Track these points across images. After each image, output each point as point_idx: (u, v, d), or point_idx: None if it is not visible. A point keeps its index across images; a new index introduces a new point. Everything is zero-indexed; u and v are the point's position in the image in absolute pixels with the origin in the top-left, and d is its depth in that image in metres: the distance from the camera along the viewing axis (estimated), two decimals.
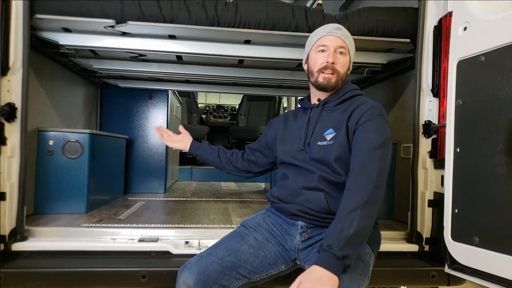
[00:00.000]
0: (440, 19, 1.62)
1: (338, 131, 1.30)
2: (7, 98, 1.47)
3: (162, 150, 2.96)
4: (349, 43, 1.38)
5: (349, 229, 1.07)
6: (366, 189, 1.13)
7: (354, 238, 1.08)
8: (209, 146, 1.68)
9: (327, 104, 1.39)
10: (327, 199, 1.27)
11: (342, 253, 1.05)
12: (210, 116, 6.90)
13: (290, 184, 1.37)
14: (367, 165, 1.17)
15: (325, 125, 1.35)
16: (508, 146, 1.16)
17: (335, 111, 1.36)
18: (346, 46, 1.36)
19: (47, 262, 1.45)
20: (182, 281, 1.20)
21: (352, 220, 1.08)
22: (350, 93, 1.37)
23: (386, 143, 1.23)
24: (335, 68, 1.34)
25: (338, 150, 1.27)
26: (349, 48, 1.37)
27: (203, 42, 1.94)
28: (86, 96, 2.69)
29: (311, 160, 1.33)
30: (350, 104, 1.34)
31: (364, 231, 1.11)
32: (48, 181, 1.92)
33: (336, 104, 1.37)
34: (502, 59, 1.19)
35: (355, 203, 1.11)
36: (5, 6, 1.45)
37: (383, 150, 1.21)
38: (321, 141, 1.32)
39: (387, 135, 1.25)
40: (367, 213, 1.11)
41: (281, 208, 1.39)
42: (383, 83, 2.43)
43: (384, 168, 1.20)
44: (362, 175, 1.16)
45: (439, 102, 1.64)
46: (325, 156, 1.29)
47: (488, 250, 1.22)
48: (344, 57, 1.36)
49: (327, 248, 1.07)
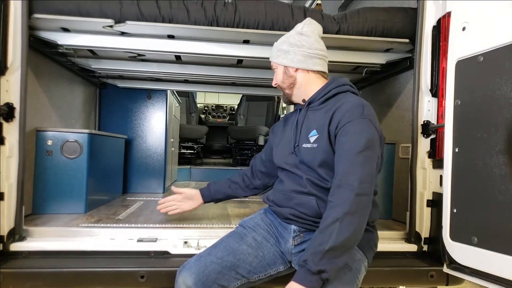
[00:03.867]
0: (439, 19, 1.62)
1: (320, 133, 1.26)
2: (6, 98, 1.47)
3: (161, 150, 2.96)
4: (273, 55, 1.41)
5: (326, 243, 1.04)
6: (347, 200, 1.09)
7: (332, 251, 1.04)
8: (216, 185, 1.66)
9: (311, 103, 1.36)
10: (317, 203, 1.25)
11: (317, 268, 1.03)
12: (209, 116, 6.90)
13: (283, 187, 1.36)
14: (348, 173, 1.12)
15: (310, 126, 1.32)
16: (506, 146, 1.16)
17: (319, 110, 1.33)
18: (272, 63, 1.43)
19: (46, 262, 1.44)
20: (181, 281, 1.20)
21: (331, 234, 1.05)
22: (334, 91, 1.33)
23: (369, 145, 1.16)
24: (278, 87, 1.44)
25: (321, 155, 1.24)
26: (274, 61, 1.41)
27: (202, 42, 1.94)
28: (84, 96, 2.68)
29: (300, 163, 1.31)
30: (334, 102, 1.29)
31: (345, 244, 1.06)
32: (47, 181, 1.91)
33: (320, 103, 1.33)
34: (501, 59, 1.19)
35: (335, 215, 1.07)
36: (3, 6, 1.44)
37: (366, 153, 1.14)
38: (306, 143, 1.30)
39: (370, 135, 1.18)
40: (348, 224, 1.07)
41: (276, 211, 1.39)
42: (382, 83, 2.43)
43: (368, 173, 1.14)
44: (344, 184, 1.11)
45: (438, 102, 1.65)
46: (310, 161, 1.27)
47: (487, 250, 1.22)
48: (276, 71, 1.42)
49: (303, 264, 1.06)
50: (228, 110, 6.98)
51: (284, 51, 1.36)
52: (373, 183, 1.16)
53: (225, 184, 1.65)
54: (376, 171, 1.20)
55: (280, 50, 1.37)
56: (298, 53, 1.33)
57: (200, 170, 4.39)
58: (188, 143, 4.91)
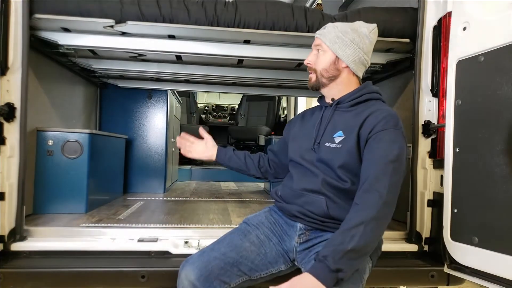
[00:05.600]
0: (439, 19, 1.62)
1: (347, 135, 1.25)
2: (6, 98, 1.47)
3: (161, 150, 2.96)
4: (329, 38, 1.31)
5: (348, 244, 1.05)
6: (374, 206, 1.10)
7: (352, 253, 1.05)
8: (234, 154, 1.59)
9: (340, 104, 1.34)
10: (327, 203, 1.25)
11: (336, 266, 1.04)
12: (209, 116, 6.90)
13: (293, 184, 1.36)
14: (378, 180, 1.13)
15: (336, 126, 1.31)
16: (507, 146, 1.16)
17: (347, 112, 1.32)
18: (322, 43, 1.33)
19: (46, 262, 1.44)
20: (184, 276, 1.20)
21: (354, 236, 1.06)
22: (366, 96, 1.31)
23: (400, 157, 1.16)
24: (311, 67, 1.36)
25: (345, 157, 1.23)
26: (328, 44, 1.31)
27: (202, 42, 1.94)
28: (85, 96, 2.69)
29: (318, 161, 1.30)
30: (365, 108, 1.28)
31: (365, 248, 1.08)
32: (48, 181, 1.91)
33: (350, 106, 1.32)
34: (501, 59, 1.19)
35: (360, 219, 1.08)
36: (4, 6, 1.45)
37: (396, 164, 1.15)
38: (330, 143, 1.28)
39: (402, 149, 1.18)
40: (372, 230, 1.08)
41: (283, 207, 1.39)
42: (383, 83, 2.43)
43: (396, 183, 1.15)
44: (373, 190, 1.12)
45: (439, 102, 1.64)
46: (331, 160, 1.26)
47: (488, 250, 1.22)
48: (323, 54, 1.33)
49: (322, 259, 1.06)
50: (229, 110, 6.99)
51: (345, 43, 1.30)
52: (398, 194, 1.17)
53: (241, 156, 1.59)
54: (400, 183, 1.20)
55: (340, 38, 1.30)
56: (357, 54, 1.31)
57: (201, 170, 4.39)
58: None
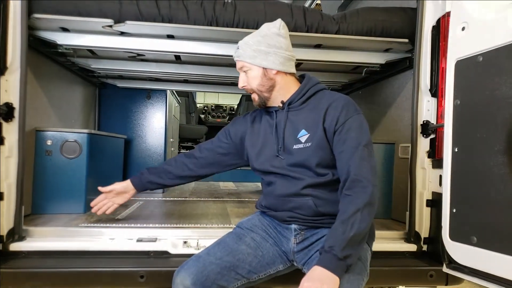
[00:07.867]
0: (438, 19, 1.63)
1: (312, 132, 1.27)
2: (5, 98, 1.47)
3: (160, 150, 2.96)
4: (248, 56, 1.31)
5: (350, 231, 1.09)
6: (366, 192, 1.14)
7: (355, 239, 1.10)
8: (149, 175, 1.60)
9: (291, 104, 1.34)
10: (315, 202, 1.27)
11: (343, 254, 1.07)
12: (208, 116, 6.89)
13: (275, 191, 1.34)
14: (361, 167, 1.17)
15: (296, 127, 1.31)
16: (505, 145, 1.16)
17: (301, 110, 1.33)
18: (244, 63, 1.33)
19: (45, 262, 1.44)
20: (179, 281, 1.19)
21: (353, 223, 1.10)
22: (313, 89, 1.34)
23: (369, 138, 1.24)
24: (247, 89, 1.37)
25: (318, 153, 1.26)
26: (249, 61, 1.31)
27: (201, 42, 1.94)
28: (84, 96, 2.68)
29: (291, 166, 1.30)
30: (316, 101, 1.31)
31: (364, 231, 1.13)
32: (46, 181, 1.91)
33: (301, 103, 1.33)
34: (500, 59, 1.19)
35: (356, 207, 1.12)
36: (2, 6, 1.44)
37: (370, 147, 1.22)
38: (297, 144, 1.29)
39: (367, 129, 1.26)
40: (367, 214, 1.13)
41: (273, 215, 1.39)
42: (381, 83, 2.43)
43: (375, 164, 1.22)
44: (360, 178, 1.16)
45: (437, 102, 1.65)
46: (306, 161, 1.27)
47: (486, 250, 1.23)
48: (250, 72, 1.33)
49: (328, 250, 1.08)
50: (228, 110, 6.98)
51: (264, 51, 1.29)
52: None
53: (156, 173, 1.60)
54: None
55: (257, 51, 1.30)
56: (279, 55, 1.30)
57: None
58: (188, 143, 4.91)
